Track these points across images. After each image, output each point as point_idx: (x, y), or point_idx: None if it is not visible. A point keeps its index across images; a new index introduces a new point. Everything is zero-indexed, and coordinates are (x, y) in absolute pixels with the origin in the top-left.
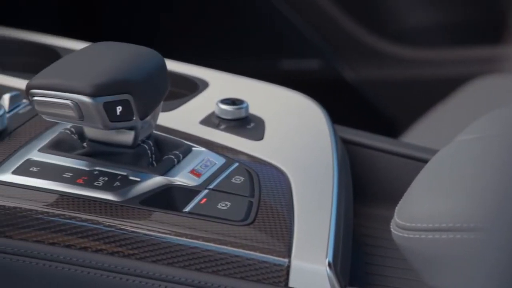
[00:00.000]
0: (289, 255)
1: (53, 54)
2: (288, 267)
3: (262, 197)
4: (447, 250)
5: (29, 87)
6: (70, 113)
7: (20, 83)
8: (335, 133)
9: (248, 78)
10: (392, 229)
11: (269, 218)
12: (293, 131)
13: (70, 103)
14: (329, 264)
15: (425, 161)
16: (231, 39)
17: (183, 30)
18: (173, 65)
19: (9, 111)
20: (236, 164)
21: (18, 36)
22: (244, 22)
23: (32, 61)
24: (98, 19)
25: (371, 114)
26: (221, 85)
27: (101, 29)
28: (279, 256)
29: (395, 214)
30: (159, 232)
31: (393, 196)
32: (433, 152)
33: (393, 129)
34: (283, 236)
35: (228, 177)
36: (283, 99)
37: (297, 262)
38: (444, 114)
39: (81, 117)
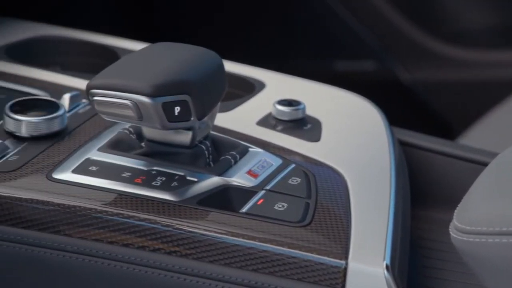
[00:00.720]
0: (346, 257)
1: (111, 54)
2: (345, 269)
3: (319, 198)
4: (508, 254)
5: (89, 87)
6: (129, 113)
7: (80, 83)
8: (392, 134)
9: (305, 79)
10: (451, 232)
11: (326, 219)
12: (350, 132)
13: (130, 103)
14: (387, 267)
15: (484, 164)
16: (287, 40)
17: (239, 31)
18: (230, 66)
19: (69, 111)
20: (293, 165)
21: (78, 37)
22: (299, 23)
23: (91, 61)
24: (155, 20)
25: (426, 116)
26: (277, 86)
27: (158, 29)
28: (336, 258)
29: (454, 217)
30: (216, 232)
31: (451, 199)
32: (493, 155)
33: (450, 132)
34: (340, 237)
35: (285, 178)
36: (339, 100)
37: (354, 264)
38: (502, 117)
39: (140, 117)
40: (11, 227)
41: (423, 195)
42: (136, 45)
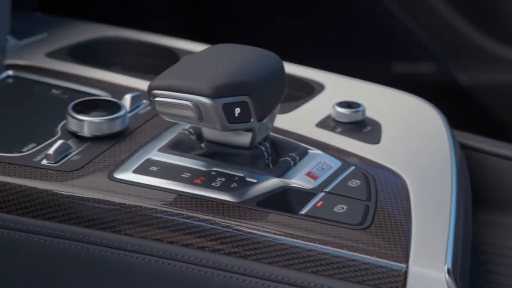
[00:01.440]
0: (406, 260)
1: (171, 55)
2: (406, 272)
3: (378, 201)
4: None
5: (151, 88)
6: (190, 114)
7: (140, 84)
8: (453, 137)
9: (364, 81)
10: None
11: (386, 222)
12: (410, 135)
13: (190, 104)
14: (448, 271)
15: None
16: (345, 41)
17: (297, 32)
18: (289, 68)
19: (130, 111)
20: (353, 168)
21: (138, 38)
22: (358, 25)
23: (151, 62)
24: (213, 20)
25: (486, 119)
26: (337, 88)
27: (215, 30)
28: (396, 261)
29: None
30: (275, 233)
31: None
32: None
33: (510, 134)
34: (401, 241)
35: (345, 180)
36: (399, 102)
37: (415, 268)
38: None
39: (201, 118)
40: (73, 226)
41: (485, 199)
42: (195, 46)
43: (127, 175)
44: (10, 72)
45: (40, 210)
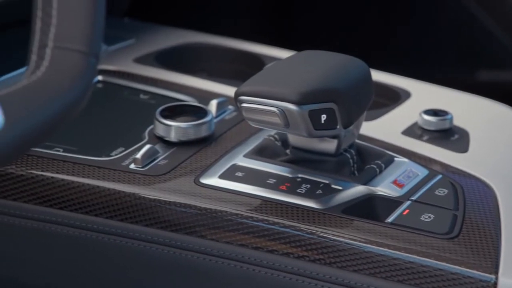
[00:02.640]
0: (496, 272)
1: (257, 61)
2: (495, 284)
3: (466, 211)
4: None
5: (237, 94)
6: (276, 120)
7: (226, 90)
8: None
9: (451, 89)
10: None
11: (474, 232)
12: (500, 143)
13: (277, 110)
14: None
15: None
16: (428, 48)
17: (379, 39)
18: (375, 75)
19: (216, 117)
20: (440, 176)
21: (224, 44)
22: (441, 31)
23: (237, 68)
24: (295, 26)
25: None
26: (423, 96)
27: (297, 36)
28: (485, 272)
29: None
30: (361, 241)
31: None
32: None
33: None
34: (489, 251)
35: (431, 189)
36: (487, 110)
37: (504, 280)
38: None
39: (287, 124)
40: (159, 230)
41: None
42: (280, 52)
43: (213, 180)
44: (100, 77)
45: (128, 213)
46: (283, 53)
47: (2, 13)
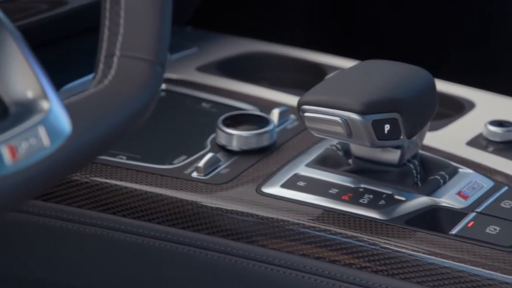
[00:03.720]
0: None
1: (318, 70)
2: None
3: None
4: None
5: (300, 103)
6: (339, 129)
7: (288, 99)
8: None
9: None
10: None
11: None
12: None
13: (340, 120)
14: None
15: None
16: (493, 58)
17: (445, 48)
18: (439, 84)
19: (278, 126)
20: (506, 188)
21: (286, 53)
22: (504, 40)
23: (299, 77)
24: (354, 34)
25: None
26: (488, 106)
27: (357, 44)
28: None
29: None
30: (424, 253)
31: None
32: None
33: None
34: None
35: (497, 200)
36: None
37: None
38: None
39: (350, 134)
40: (220, 238)
41: None
42: (341, 62)
43: (274, 189)
44: (163, 86)
45: (190, 221)
46: (344, 62)
47: (71, 20)
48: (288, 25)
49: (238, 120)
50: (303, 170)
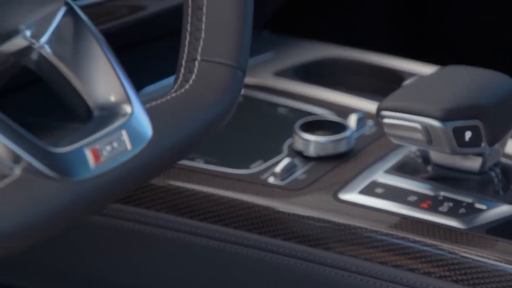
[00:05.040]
0: None
1: (396, 76)
2: None
3: None
4: None
5: (380, 109)
6: (419, 136)
7: (365, 104)
8: None
9: None
10: None
11: None
12: None
13: (419, 126)
14: None
15: None
16: None
17: None
18: None
19: (355, 132)
20: None
21: (363, 58)
22: None
23: (376, 83)
24: (435, 38)
25: None
26: None
27: (433, 48)
28: None
29: None
30: (506, 263)
31: None
32: None
33: None
34: None
35: None
36: None
37: None
38: None
39: (429, 141)
40: (296, 244)
41: None
42: (419, 67)
43: (352, 196)
44: None
45: (266, 227)
46: (420, 68)
47: (151, 25)
48: (365, 28)
49: (314, 126)
50: (381, 177)
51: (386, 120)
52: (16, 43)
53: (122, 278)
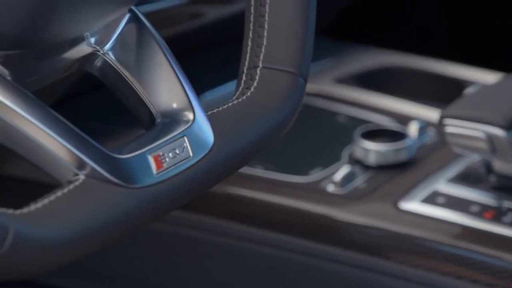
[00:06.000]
0: None
1: (456, 84)
2: None
3: None
4: None
5: (442, 117)
6: (482, 145)
7: (425, 113)
8: None
9: None
10: None
11: None
12: None
13: (483, 135)
14: None
15: None
16: None
17: None
18: None
19: (416, 141)
20: None
21: (421, 65)
22: None
23: (435, 90)
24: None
25: None
26: None
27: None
28: None
29: None
30: None
31: None
32: None
33: None
34: None
35: None
36: None
37: None
38: None
39: (493, 150)
40: (356, 253)
41: None
42: (479, 75)
43: (413, 205)
44: None
45: (325, 235)
46: (482, 75)
47: (211, 31)
48: (422, 35)
49: (375, 135)
50: (442, 186)
51: (448, 129)
52: (81, 50)
53: (178, 284)
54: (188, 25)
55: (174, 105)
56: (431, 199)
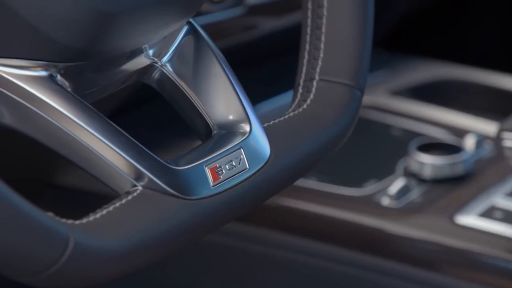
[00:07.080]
0: None
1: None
2: None
3: None
4: None
5: (501, 130)
6: None
7: (482, 126)
8: None
9: None
10: None
11: None
12: None
13: None
14: None
15: None
16: None
17: None
18: None
19: (472, 155)
20: None
21: (478, 78)
22: None
23: (492, 104)
24: None
25: None
26: None
27: None
28: None
29: None
30: None
31: None
32: None
33: None
34: None
35: None
36: None
37: None
38: None
39: None
40: (410, 267)
41: None
42: None
43: (469, 220)
44: None
45: (379, 248)
46: None
47: (271, 42)
48: (478, 47)
49: (431, 148)
50: (500, 200)
51: (507, 143)
52: (139, 62)
53: None
54: (244, 37)
55: (231, 117)
56: (488, 214)
